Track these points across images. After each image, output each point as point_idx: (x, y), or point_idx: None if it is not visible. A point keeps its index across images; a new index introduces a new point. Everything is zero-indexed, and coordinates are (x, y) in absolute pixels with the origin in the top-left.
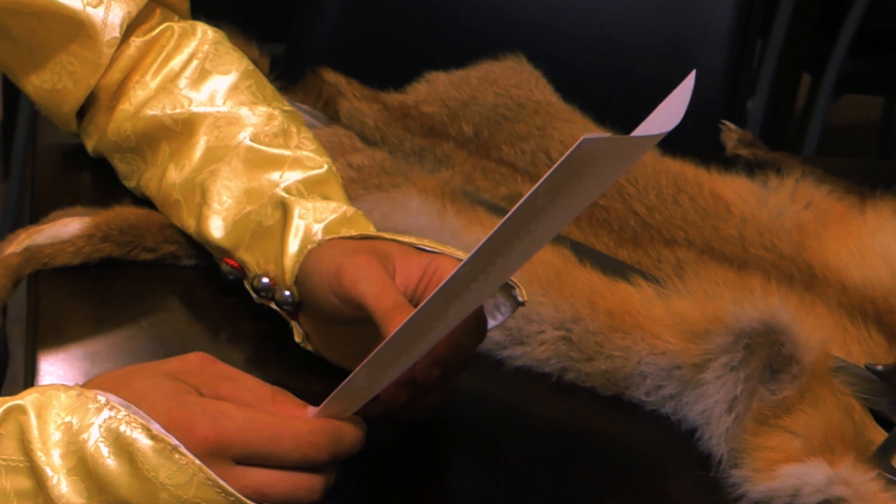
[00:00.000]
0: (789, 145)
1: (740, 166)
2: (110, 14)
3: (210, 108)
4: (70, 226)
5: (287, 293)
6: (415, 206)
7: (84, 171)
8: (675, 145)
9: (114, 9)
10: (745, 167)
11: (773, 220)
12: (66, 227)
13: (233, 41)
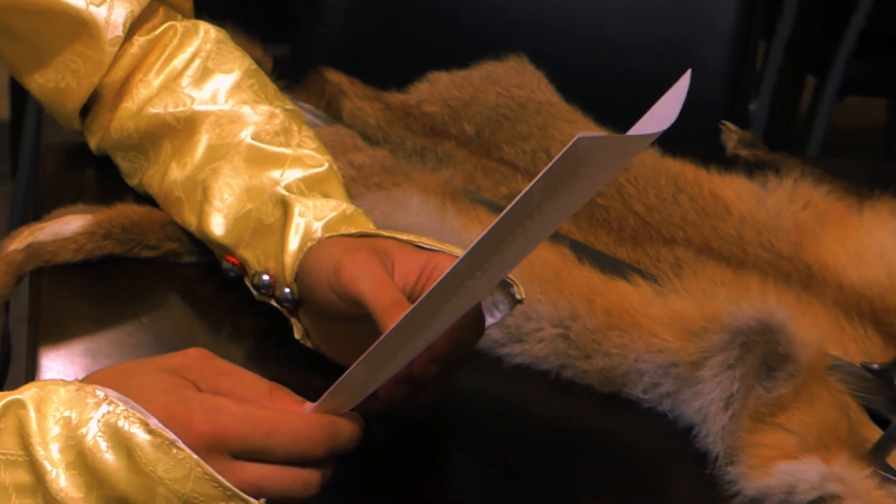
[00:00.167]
0: (793, 147)
1: (740, 167)
2: (113, 13)
3: (212, 106)
4: (72, 223)
5: (287, 290)
6: (415, 204)
7: (87, 170)
8: (677, 145)
9: (117, 8)
10: (745, 168)
11: (771, 219)
12: (68, 225)
13: (236, 41)
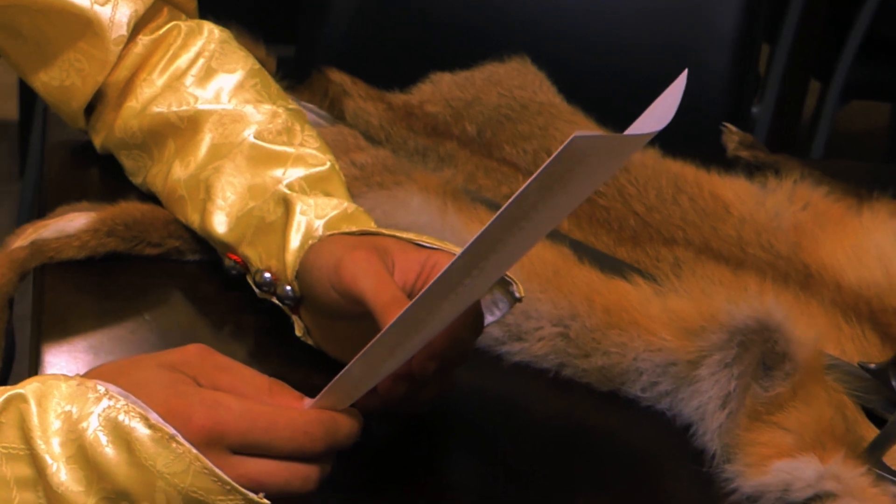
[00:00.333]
0: (797, 151)
1: (740, 168)
2: (117, 12)
3: (215, 105)
4: (76, 220)
5: (288, 288)
6: (416, 203)
7: (92, 168)
8: (678, 147)
9: (121, 7)
10: (746, 169)
11: (770, 220)
12: (71, 222)
13: (240, 41)
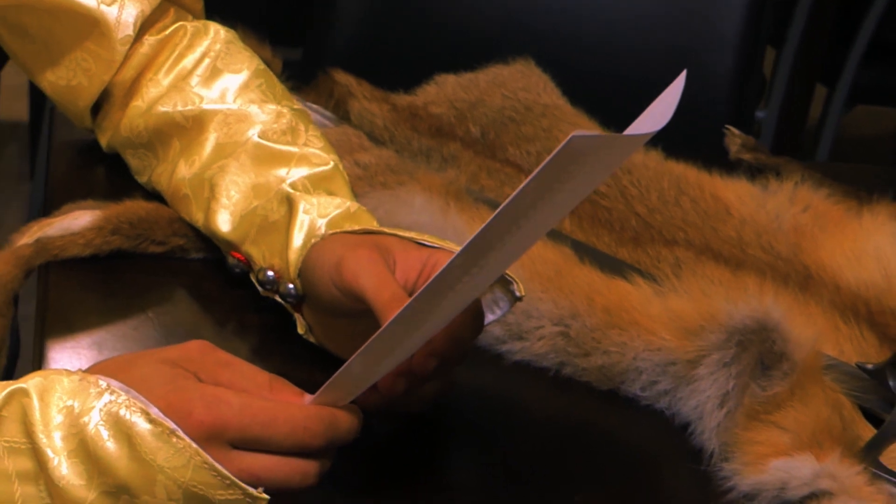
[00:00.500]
0: (802, 155)
1: (742, 170)
2: (124, 12)
3: (221, 105)
4: (81, 218)
5: (290, 286)
6: (418, 203)
7: (98, 167)
8: (682, 149)
9: (127, 7)
10: (747, 171)
11: (771, 221)
12: (77, 220)
13: (246, 42)
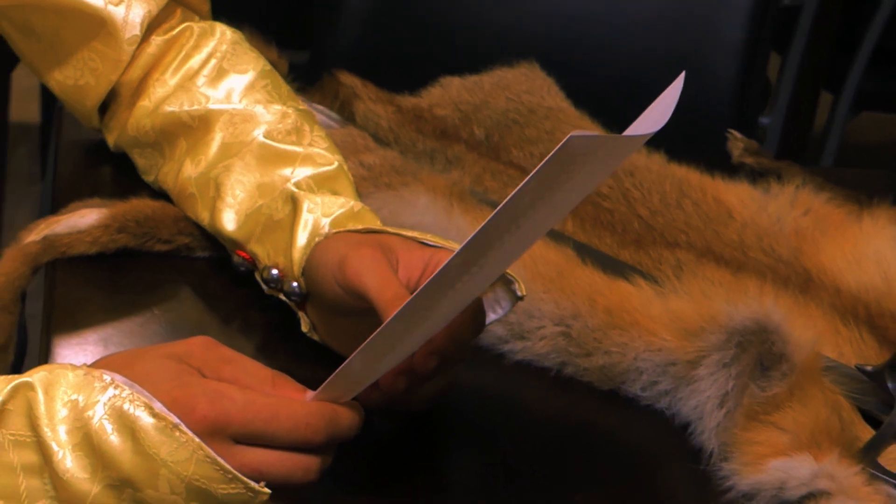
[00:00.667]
0: (807, 162)
1: (744, 173)
2: (131, 12)
3: (226, 105)
4: (88, 216)
5: (295, 284)
6: (422, 203)
7: (105, 166)
8: (683, 152)
9: (134, 7)
10: (749, 175)
11: (772, 225)
12: (84, 218)
13: (252, 43)
